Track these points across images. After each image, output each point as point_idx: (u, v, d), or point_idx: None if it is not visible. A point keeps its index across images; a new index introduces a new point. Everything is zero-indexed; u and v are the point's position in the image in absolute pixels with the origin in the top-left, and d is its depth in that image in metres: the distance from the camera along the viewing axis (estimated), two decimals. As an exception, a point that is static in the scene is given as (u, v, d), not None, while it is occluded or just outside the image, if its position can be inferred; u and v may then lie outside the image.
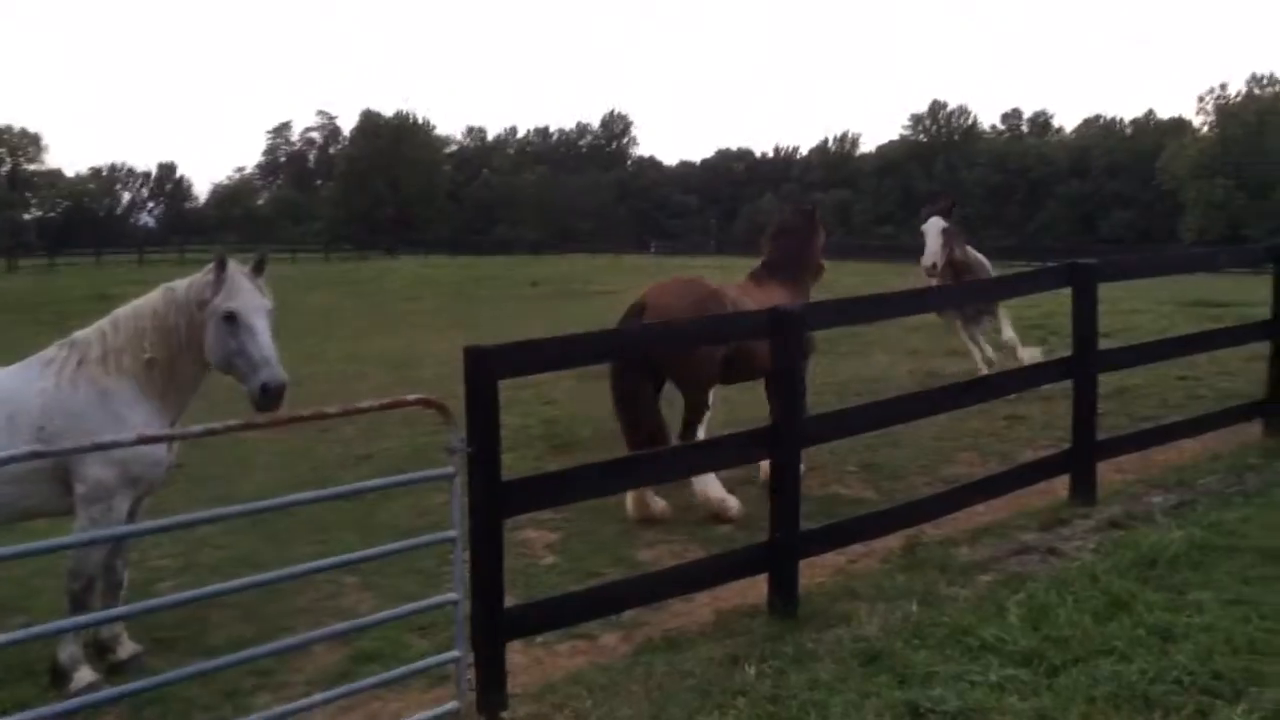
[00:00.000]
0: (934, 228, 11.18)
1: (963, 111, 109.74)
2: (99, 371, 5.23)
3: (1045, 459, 7.49)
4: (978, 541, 6.55)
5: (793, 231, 8.91)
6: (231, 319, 5.20)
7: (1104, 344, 7.78)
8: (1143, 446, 7.91)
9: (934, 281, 11.14)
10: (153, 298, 5.42)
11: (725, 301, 7.89)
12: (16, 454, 3.55)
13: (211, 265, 5.33)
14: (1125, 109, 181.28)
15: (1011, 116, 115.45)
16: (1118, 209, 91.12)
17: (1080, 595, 5.13)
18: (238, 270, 5.29)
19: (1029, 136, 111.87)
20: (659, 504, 7.74)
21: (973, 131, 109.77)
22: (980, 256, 12.31)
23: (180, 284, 5.44)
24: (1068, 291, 7.32)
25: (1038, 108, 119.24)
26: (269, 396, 5.07)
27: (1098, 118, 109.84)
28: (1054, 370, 7.74)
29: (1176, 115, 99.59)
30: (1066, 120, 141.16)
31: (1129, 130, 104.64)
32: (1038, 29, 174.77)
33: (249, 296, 5.24)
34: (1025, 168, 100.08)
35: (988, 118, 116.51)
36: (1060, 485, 7.31)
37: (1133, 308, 18.52)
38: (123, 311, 5.42)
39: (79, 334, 5.41)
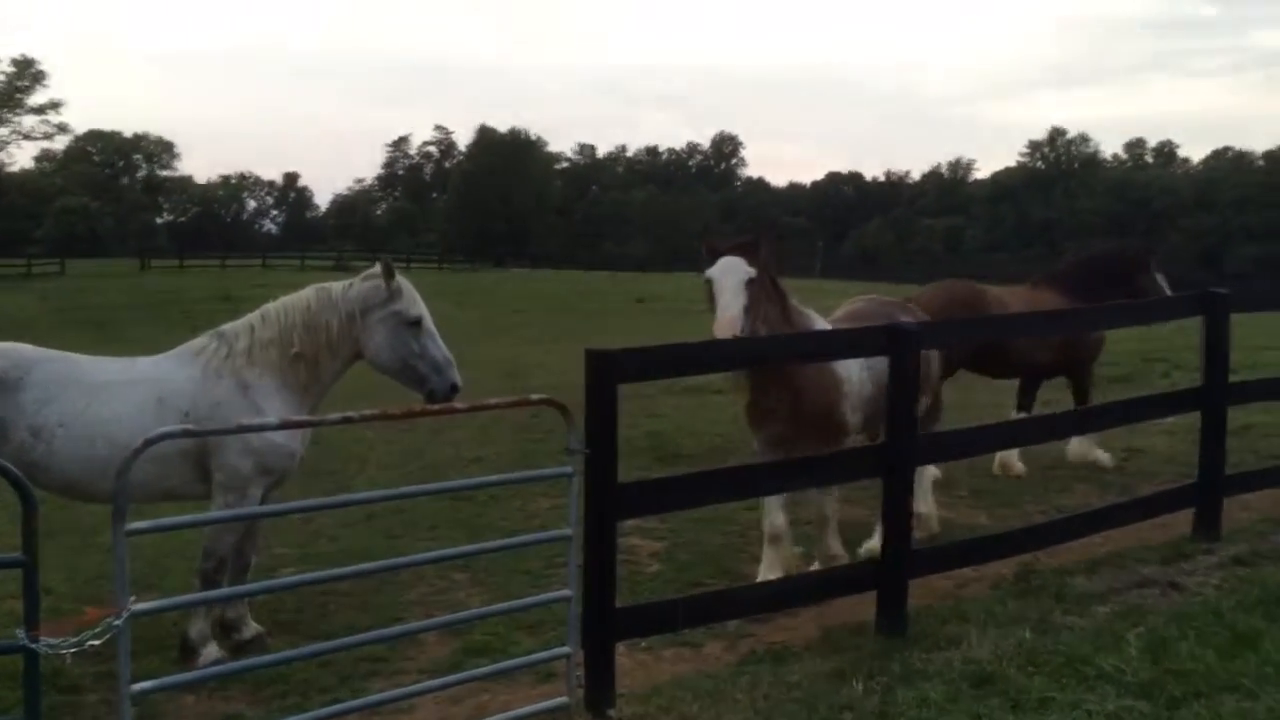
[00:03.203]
0: (733, 276, 6.01)
1: (1083, 139, 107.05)
2: (244, 363, 5.51)
3: (1169, 491, 7.26)
4: (1095, 572, 6.37)
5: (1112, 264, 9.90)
6: (417, 324, 5.54)
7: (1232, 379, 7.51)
8: (1273, 484, 7.59)
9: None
10: (305, 295, 5.68)
11: (988, 303, 9.07)
12: (170, 430, 3.76)
13: (374, 271, 5.60)
14: (1257, 141, 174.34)
15: (1135, 146, 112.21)
16: (1245, 243, 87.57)
17: (1203, 630, 4.97)
18: (404, 280, 5.56)
19: (1153, 167, 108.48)
20: (1019, 466, 9.28)
21: (1093, 160, 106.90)
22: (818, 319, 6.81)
23: (335, 286, 5.71)
24: (1195, 322, 7.11)
25: (1163, 137, 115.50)
26: (455, 393, 5.54)
27: (1227, 149, 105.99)
28: (1183, 401, 7.49)
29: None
30: (1194, 151, 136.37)
31: (1261, 163, 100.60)
32: (1165, 57, 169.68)
33: (423, 304, 5.58)
34: (1147, 199, 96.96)
35: (1110, 146, 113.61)
36: (1182, 520, 7.07)
37: (1261, 344, 17.78)
38: (272, 307, 5.69)
39: (228, 326, 5.70)
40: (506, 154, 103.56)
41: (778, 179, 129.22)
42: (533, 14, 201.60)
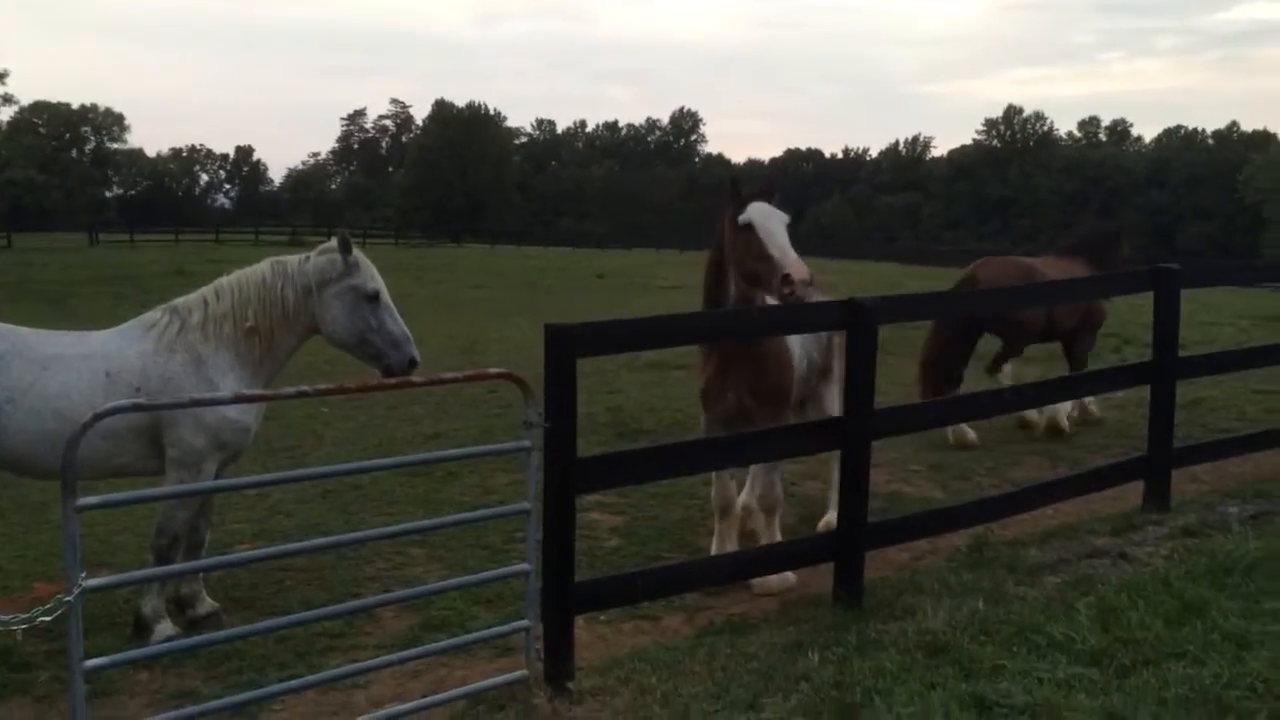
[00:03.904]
0: (778, 219, 5.77)
1: (1039, 117, 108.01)
2: (198, 338, 5.41)
3: (1119, 464, 7.38)
4: (1046, 543, 6.47)
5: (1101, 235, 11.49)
6: (375, 299, 5.47)
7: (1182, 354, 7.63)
8: (1220, 456, 7.75)
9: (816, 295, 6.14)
10: (260, 269, 5.59)
11: (1035, 274, 10.01)
12: (120, 405, 3.69)
13: (330, 245, 5.54)
14: (1208, 120, 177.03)
15: (1089, 124, 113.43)
16: (1196, 222, 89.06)
17: (1152, 599, 5.05)
18: (361, 254, 5.54)
19: (1107, 145, 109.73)
20: (970, 434, 9.65)
21: (1048, 138, 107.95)
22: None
23: (291, 259, 5.63)
24: (1145, 298, 7.21)
25: (1116, 116, 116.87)
26: (412, 368, 5.47)
27: (1179, 128, 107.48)
28: (1133, 375, 7.61)
29: (1262, 128, 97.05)
30: (1146, 130, 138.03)
31: (1211, 142, 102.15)
32: (1119, 36, 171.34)
33: (380, 279, 5.52)
34: (1101, 177, 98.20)
35: (1064, 124, 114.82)
36: (1132, 492, 7.19)
37: (1210, 320, 18.14)
38: (226, 280, 5.60)
39: (181, 300, 5.59)
40: (464, 128, 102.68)
41: (737, 155, 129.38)
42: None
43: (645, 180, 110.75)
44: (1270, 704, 4.03)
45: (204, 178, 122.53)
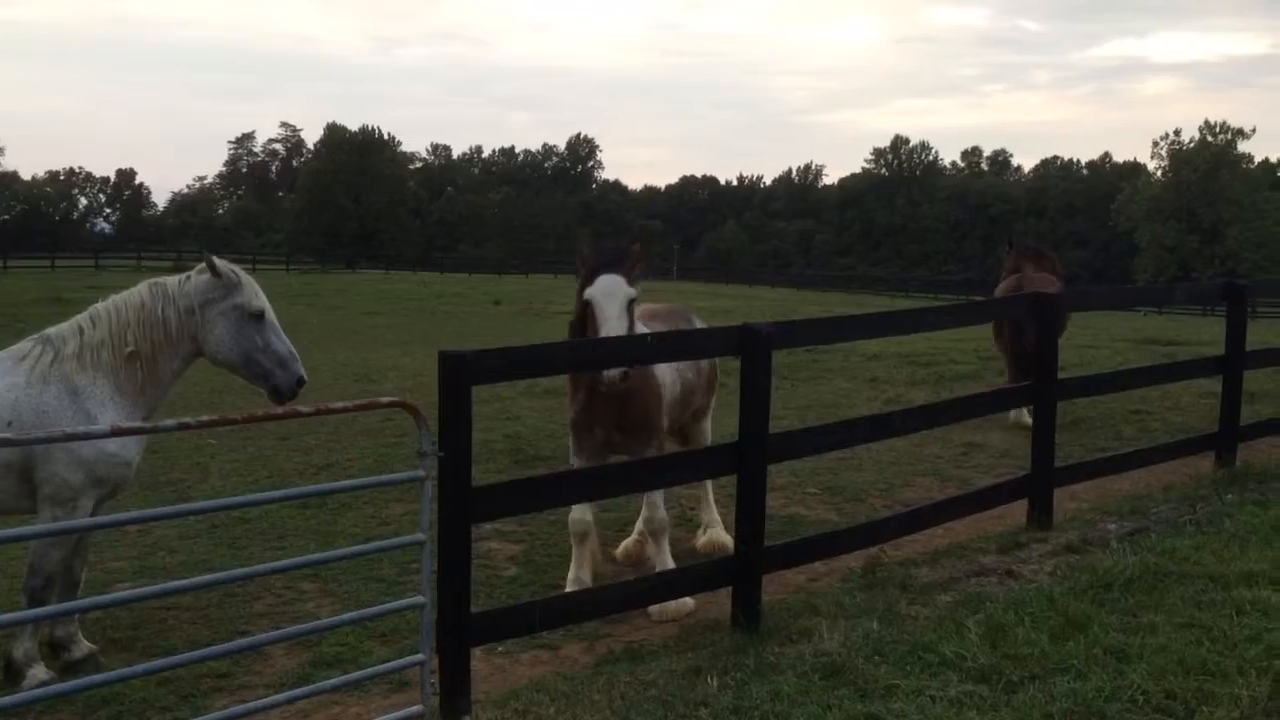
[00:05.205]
0: (616, 300, 5.89)
1: (924, 147, 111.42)
2: (73, 368, 5.19)
3: (1004, 483, 7.61)
4: (937, 563, 6.63)
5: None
6: (260, 318, 5.34)
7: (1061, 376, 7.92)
8: (1100, 474, 8.05)
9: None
10: (139, 291, 5.41)
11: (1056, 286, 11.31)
12: (-15, 440, 3.51)
13: (205, 265, 5.38)
14: (1082, 150, 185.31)
15: (972, 154, 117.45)
16: (1073, 248, 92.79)
17: (1038, 615, 5.22)
18: (245, 273, 5.42)
19: (989, 174, 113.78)
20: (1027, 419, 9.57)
21: (934, 168, 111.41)
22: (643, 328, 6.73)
23: (170, 280, 5.47)
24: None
25: (998, 146, 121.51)
26: (301, 387, 5.38)
27: (1055, 158, 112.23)
28: (1017, 397, 7.87)
29: (1132, 159, 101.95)
30: (1025, 160, 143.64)
31: (1085, 171, 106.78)
32: (998, 69, 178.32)
33: (265, 298, 5.39)
34: (984, 205, 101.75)
35: (949, 154, 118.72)
36: (1018, 510, 7.42)
37: (1087, 343, 18.85)
38: (102, 306, 5.39)
39: (54, 329, 5.36)
40: (357, 153, 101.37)
41: (633, 182, 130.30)
42: (384, 11, 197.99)
43: (542, 206, 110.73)
44: (1149, 715, 4.20)
45: (83, 202, 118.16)
